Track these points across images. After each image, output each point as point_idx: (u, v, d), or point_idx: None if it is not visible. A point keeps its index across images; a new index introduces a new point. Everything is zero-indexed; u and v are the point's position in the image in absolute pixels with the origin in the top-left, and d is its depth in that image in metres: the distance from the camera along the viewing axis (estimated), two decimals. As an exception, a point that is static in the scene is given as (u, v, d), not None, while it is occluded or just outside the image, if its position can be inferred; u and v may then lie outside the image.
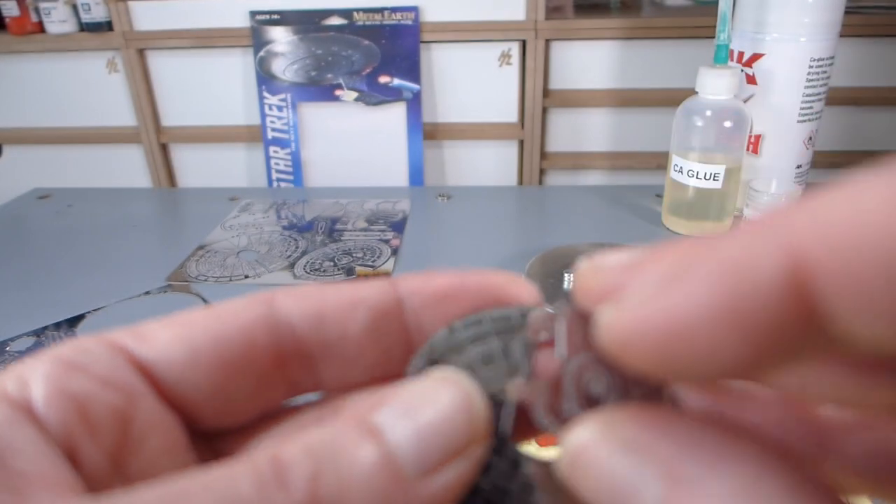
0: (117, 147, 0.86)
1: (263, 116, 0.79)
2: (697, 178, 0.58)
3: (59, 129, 0.85)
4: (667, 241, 0.09)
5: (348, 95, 0.78)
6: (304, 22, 0.77)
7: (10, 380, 0.12)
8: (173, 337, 0.13)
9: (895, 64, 0.75)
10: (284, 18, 0.77)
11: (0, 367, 0.44)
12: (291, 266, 0.58)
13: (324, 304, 0.14)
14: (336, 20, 0.76)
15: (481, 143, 0.83)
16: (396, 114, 0.78)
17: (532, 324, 0.13)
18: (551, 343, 0.12)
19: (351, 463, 0.10)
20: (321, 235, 0.64)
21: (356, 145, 0.80)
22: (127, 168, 0.87)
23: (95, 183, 0.87)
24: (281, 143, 0.80)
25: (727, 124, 0.56)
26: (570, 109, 0.80)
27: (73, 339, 0.13)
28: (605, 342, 0.10)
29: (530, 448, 0.12)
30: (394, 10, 0.75)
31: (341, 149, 0.80)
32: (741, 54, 0.59)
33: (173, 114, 0.83)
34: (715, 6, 0.55)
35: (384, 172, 0.81)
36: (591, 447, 0.10)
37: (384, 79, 0.77)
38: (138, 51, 0.79)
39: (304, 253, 0.60)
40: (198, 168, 0.86)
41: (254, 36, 0.77)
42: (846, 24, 0.57)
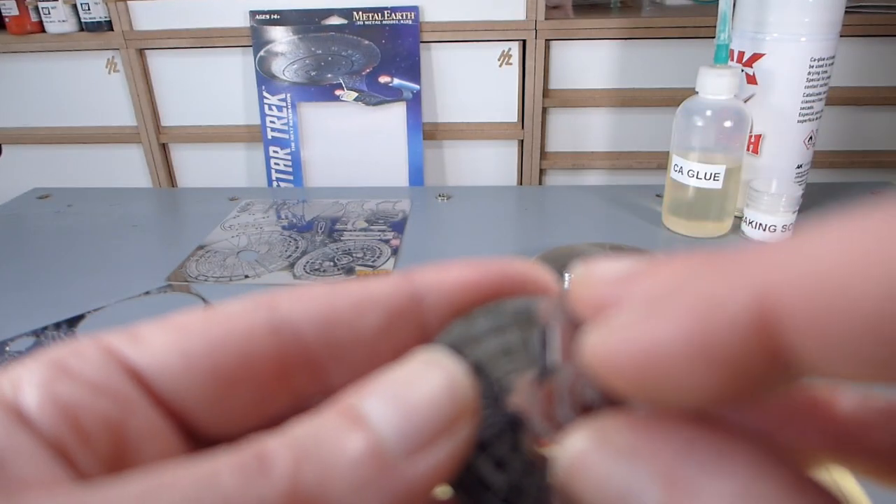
0: (117, 147, 0.86)
1: (263, 116, 0.79)
2: (697, 178, 0.58)
3: (59, 129, 0.85)
4: (659, 256, 0.10)
5: (348, 95, 0.78)
6: (304, 22, 0.77)
7: (5, 383, 0.12)
8: (168, 342, 0.13)
9: (895, 64, 0.75)
10: (284, 18, 0.77)
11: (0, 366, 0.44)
12: (291, 266, 0.58)
13: (332, 306, 0.13)
14: (336, 20, 0.76)
15: (481, 143, 0.83)
16: (396, 114, 0.78)
17: (544, 316, 0.13)
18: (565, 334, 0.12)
19: (334, 451, 0.10)
20: (321, 235, 0.64)
21: (356, 145, 0.80)
22: (127, 168, 0.87)
23: (95, 183, 0.87)
24: (281, 143, 0.80)
25: (727, 124, 0.56)
26: (570, 109, 0.80)
27: (69, 342, 0.13)
28: (589, 362, 0.10)
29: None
30: (394, 10, 0.75)
31: (341, 149, 0.80)
32: (741, 54, 0.59)
33: (173, 114, 0.83)
34: (715, 6, 0.55)
35: (384, 172, 0.81)
36: (587, 456, 0.10)
37: (384, 79, 0.77)
38: (138, 51, 0.79)
39: (304, 253, 0.60)
40: (198, 168, 0.86)
41: (254, 36, 0.77)
42: (846, 24, 0.57)
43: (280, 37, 0.77)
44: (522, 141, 0.81)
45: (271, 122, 0.80)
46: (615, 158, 0.82)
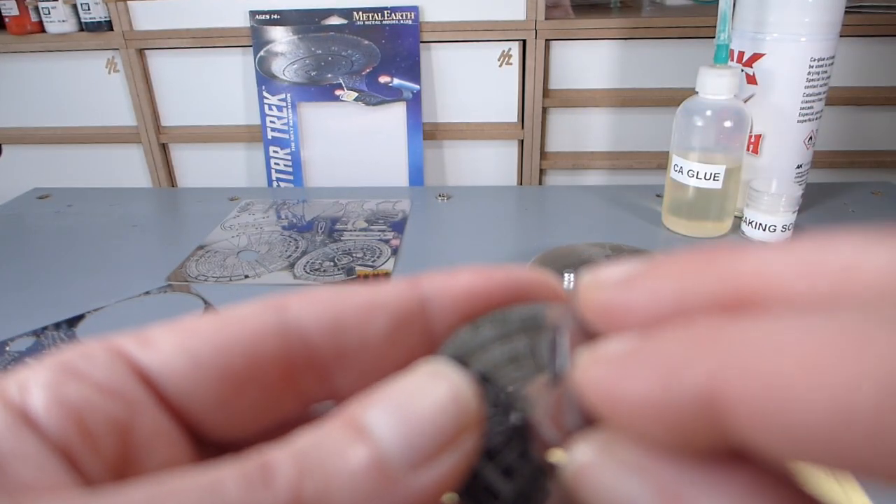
0: (117, 147, 0.86)
1: (263, 116, 0.79)
2: (697, 178, 0.58)
3: (59, 129, 0.85)
4: (661, 255, 0.10)
5: (348, 95, 0.78)
6: (304, 22, 0.77)
7: (12, 385, 0.12)
8: (177, 345, 0.13)
9: (895, 64, 0.75)
10: (284, 18, 0.77)
11: (0, 367, 0.44)
12: (291, 266, 0.58)
13: (340, 310, 0.13)
14: (336, 20, 0.76)
15: (481, 143, 0.83)
16: (396, 114, 0.78)
17: (554, 323, 0.13)
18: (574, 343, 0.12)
19: (337, 463, 0.10)
20: (321, 235, 0.64)
21: (356, 145, 0.80)
22: (127, 168, 0.87)
23: (95, 183, 0.87)
24: (281, 143, 0.80)
25: (727, 124, 0.56)
26: (570, 109, 0.80)
27: (77, 344, 0.13)
28: (576, 383, 0.11)
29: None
30: (394, 10, 0.75)
31: (341, 149, 0.80)
32: (741, 54, 0.59)
33: (173, 114, 0.83)
34: (715, 6, 0.55)
35: (384, 172, 0.81)
36: (592, 467, 0.11)
37: (384, 79, 0.77)
38: (138, 51, 0.79)
39: (304, 253, 0.60)
40: (198, 168, 0.86)
41: (254, 36, 0.77)
42: (846, 24, 0.57)
43: (280, 37, 0.77)
44: (522, 141, 0.81)
45: (271, 122, 0.80)
46: (615, 158, 0.82)
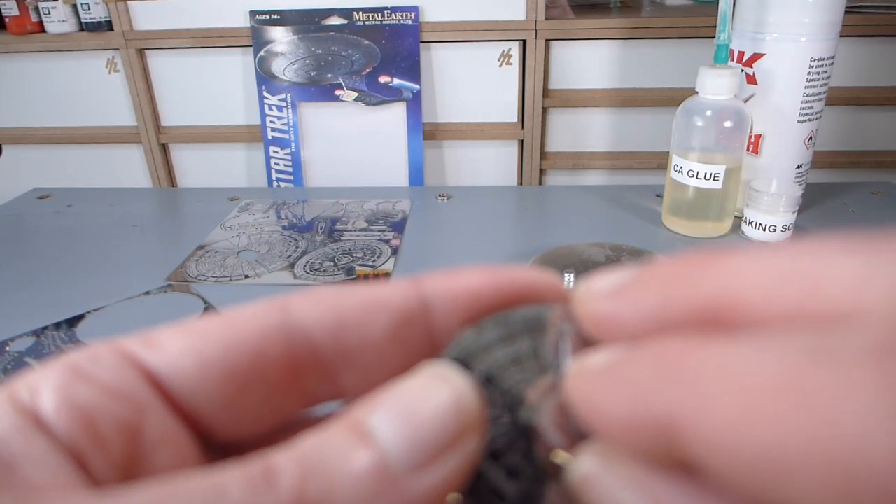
0: (117, 147, 0.86)
1: (263, 116, 0.79)
2: (697, 178, 0.58)
3: (59, 129, 0.85)
4: (657, 259, 0.11)
5: (348, 95, 0.78)
6: (304, 22, 0.77)
7: (22, 388, 0.12)
8: (184, 346, 0.13)
9: (895, 64, 0.75)
10: (284, 18, 0.77)
11: (0, 366, 0.44)
12: (291, 266, 0.58)
13: (342, 309, 0.13)
14: (336, 20, 0.76)
15: (481, 143, 0.83)
16: (396, 114, 0.78)
17: (556, 325, 0.13)
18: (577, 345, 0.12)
19: (340, 466, 0.10)
20: (321, 235, 0.64)
21: (356, 145, 0.80)
22: (127, 168, 0.87)
23: (95, 183, 0.87)
24: (281, 143, 0.80)
25: (727, 124, 0.56)
26: (570, 109, 0.80)
27: (84, 347, 0.13)
28: (567, 390, 0.11)
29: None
30: (394, 10, 0.75)
31: (341, 149, 0.80)
32: (741, 54, 0.59)
33: (173, 114, 0.83)
34: (715, 6, 0.55)
35: (384, 172, 0.81)
36: (593, 478, 0.11)
37: (384, 79, 0.77)
38: (138, 51, 0.79)
39: (304, 253, 0.60)
40: (198, 168, 0.86)
41: (254, 36, 0.77)
42: (846, 24, 0.57)
43: (280, 37, 0.77)
44: (522, 141, 0.81)
45: (271, 122, 0.80)
46: (615, 158, 0.82)
